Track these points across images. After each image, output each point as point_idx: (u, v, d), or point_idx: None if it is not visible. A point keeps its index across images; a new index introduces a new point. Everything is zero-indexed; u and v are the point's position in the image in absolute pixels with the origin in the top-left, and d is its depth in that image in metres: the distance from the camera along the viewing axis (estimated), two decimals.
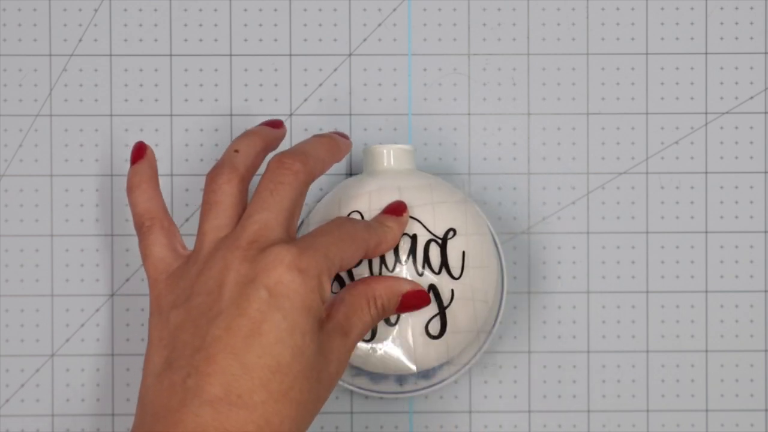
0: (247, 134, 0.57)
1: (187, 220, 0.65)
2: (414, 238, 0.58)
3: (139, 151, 0.58)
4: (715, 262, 0.65)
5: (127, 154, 0.65)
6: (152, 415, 0.50)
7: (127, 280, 0.65)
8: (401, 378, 0.61)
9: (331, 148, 0.57)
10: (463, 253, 0.58)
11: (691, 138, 0.65)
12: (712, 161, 0.65)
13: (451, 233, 0.58)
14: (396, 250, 0.57)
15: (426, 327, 0.58)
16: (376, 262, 0.57)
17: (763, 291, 0.65)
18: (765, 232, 0.65)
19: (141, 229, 0.56)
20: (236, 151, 0.56)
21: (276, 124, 0.59)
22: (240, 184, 0.55)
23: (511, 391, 0.65)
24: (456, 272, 0.58)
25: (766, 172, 0.65)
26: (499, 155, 0.65)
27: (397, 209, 0.57)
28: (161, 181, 0.65)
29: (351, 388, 0.61)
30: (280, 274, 0.50)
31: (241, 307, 0.50)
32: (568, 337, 0.65)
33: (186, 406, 0.49)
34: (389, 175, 0.60)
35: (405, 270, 0.57)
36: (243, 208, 0.55)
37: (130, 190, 0.57)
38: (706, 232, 0.65)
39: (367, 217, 0.58)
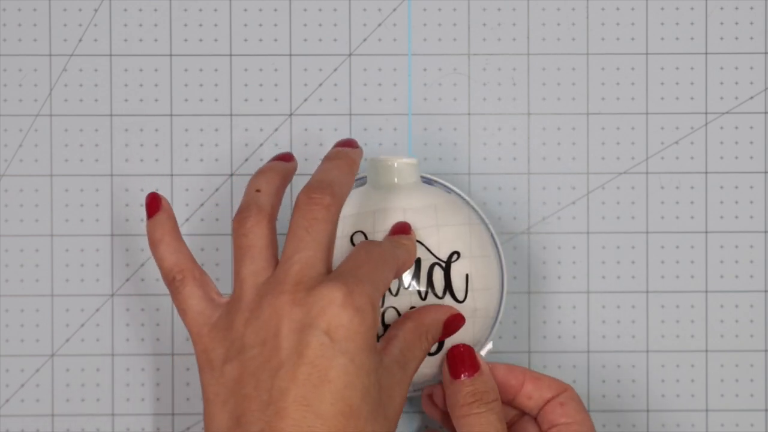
0: (263, 172, 0.56)
1: (187, 220, 0.65)
2: (418, 261, 0.57)
3: (154, 203, 0.56)
4: (715, 262, 0.65)
5: (128, 154, 0.65)
6: None
7: (127, 280, 0.65)
8: None
9: (351, 169, 0.56)
10: (467, 276, 0.58)
11: (691, 138, 0.65)
12: (712, 161, 0.65)
13: (455, 256, 0.58)
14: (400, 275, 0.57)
15: None
16: None
17: (763, 291, 0.65)
18: (765, 232, 0.65)
19: (173, 283, 0.54)
20: (258, 191, 0.55)
21: (287, 158, 0.58)
22: (269, 224, 0.54)
23: None
24: (460, 295, 0.57)
25: (766, 172, 0.65)
26: (499, 155, 0.65)
27: (403, 229, 0.57)
28: (161, 180, 0.65)
29: None
30: (335, 314, 0.50)
31: (303, 355, 0.49)
32: (568, 337, 0.65)
33: None
34: (394, 193, 0.59)
35: (409, 294, 0.57)
36: (275, 248, 0.54)
37: (154, 245, 0.55)
38: (706, 232, 0.65)
39: (370, 237, 0.58)
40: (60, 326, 0.65)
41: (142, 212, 0.65)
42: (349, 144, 0.58)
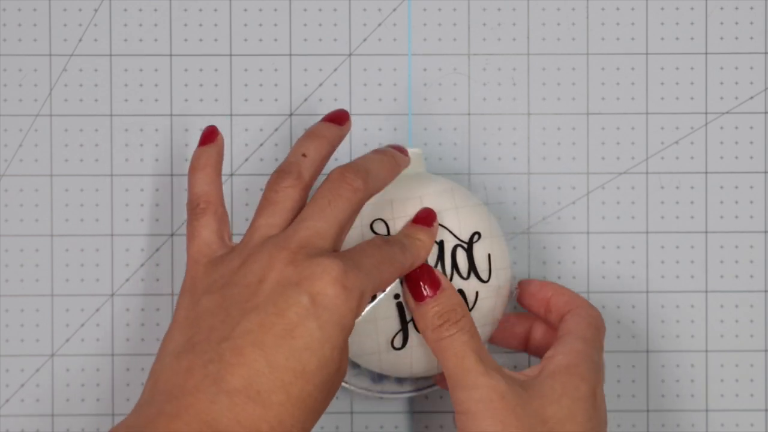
0: (314, 136, 0.56)
1: None
2: (441, 244, 0.57)
3: (210, 135, 0.58)
4: (715, 262, 0.65)
5: (128, 154, 0.65)
6: (165, 393, 0.49)
7: (127, 280, 0.65)
8: (401, 378, 0.61)
9: (392, 168, 0.57)
10: (489, 255, 0.58)
11: (691, 138, 0.65)
12: (712, 161, 0.65)
13: (476, 236, 0.58)
14: None
15: None
16: None
17: (763, 291, 0.65)
18: (765, 232, 0.65)
19: (195, 210, 0.55)
20: (304, 155, 0.55)
21: (341, 119, 0.58)
22: (303, 191, 0.55)
23: None
24: (484, 275, 0.57)
25: (766, 172, 0.65)
26: (499, 155, 0.65)
27: (427, 219, 0.57)
28: (161, 180, 0.65)
29: (351, 388, 0.61)
30: (325, 285, 0.50)
31: (279, 307, 0.50)
32: None
33: (202, 391, 0.48)
34: (405, 181, 0.59)
35: None
36: (299, 213, 0.54)
37: (194, 170, 0.57)
38: (706, 232, 0.65)
39: (391, 225, 0.57)
40: (60, 326, 0.65)
41: (142, 212, 0.65)
42: (400, 149, 0.59)
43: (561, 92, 0.65)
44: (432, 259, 0.57)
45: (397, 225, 0.57)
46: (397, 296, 0.57)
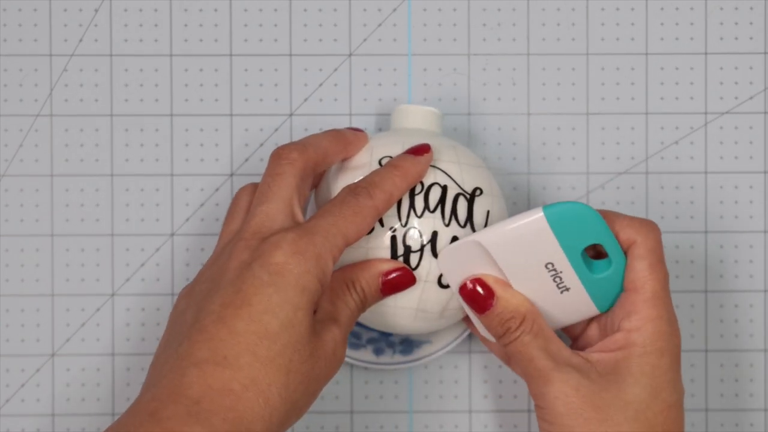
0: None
1: (187, 220, 0.65)
2: (444, 188, 0.58)
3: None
4: (715, 261, 0.65)
5: (128, 154, 0.65)
6: (146, 385, 0.52)
7: (127, 280, 0.65)
8: (378, 349, 0.61)
9: (336, 139, 0.58)
10: (488, 212, 0.58)
11: (691, 138, 0.65)
12: (712, 161, 0.65)
13: (479, 191, 0.58)
14: (426, 198, 0.57)
15: (439, 278, 0.58)
16: (404, 209, 0.57)
17: (763, 291, 0.65)
18: (765, 232, 0.65)
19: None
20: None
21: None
22: (253, 188, 0.58)
23: (510, 391, 0.65)
24: (479, 228, 0.58)
25: (766, 172, 0.66)
26: (500, 155, 0.65)
27: (418, 150, 0.58)
28: (161, 180, 0.65)
29: (352, 362, 0.62)
30: (276, 255, 0.52)
31: (236, 286, 0.52)
32: (568, 340, 0.65)
33: (174, 370, 0.51)
34: (416, 137, 0.59)
35: (433, 218, 0.57)
36: None
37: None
38: (706, 231, 0.65)
39: None
40: (60, 326, 0.65)
41: (143, 212, 0.65)
42: (356, 129, 0.60)
43: (561, 92, 0.65)
44: (434, 201, 0.57)
45: None
46: (392, 229, 0.57)
